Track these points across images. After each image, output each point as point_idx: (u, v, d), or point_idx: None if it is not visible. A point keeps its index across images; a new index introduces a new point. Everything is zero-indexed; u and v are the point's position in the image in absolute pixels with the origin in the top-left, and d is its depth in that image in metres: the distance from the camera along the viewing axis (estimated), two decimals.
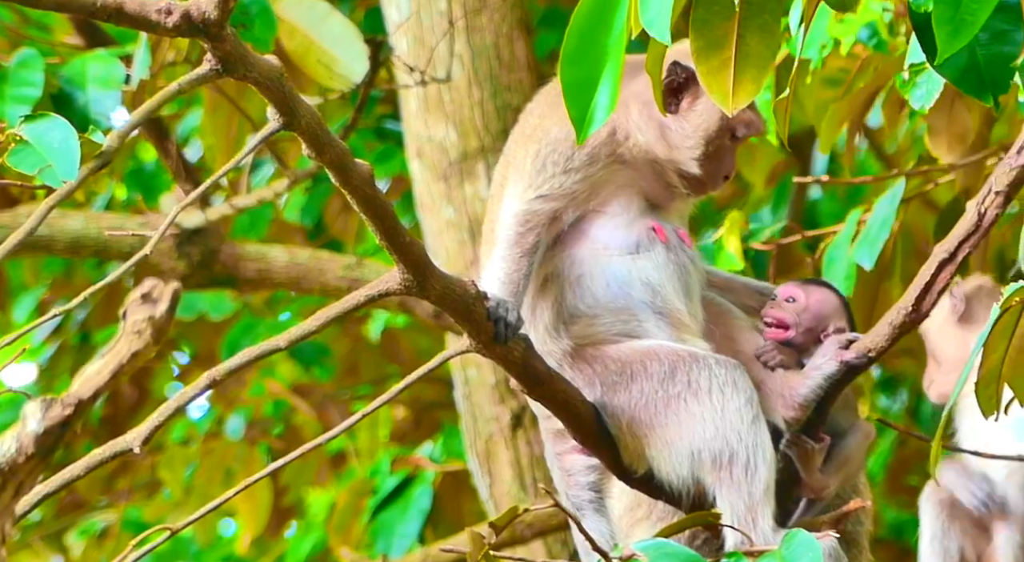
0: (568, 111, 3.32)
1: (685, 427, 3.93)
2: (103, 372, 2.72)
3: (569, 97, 3.30)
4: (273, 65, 3.37)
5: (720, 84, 3.36)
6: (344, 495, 6.65)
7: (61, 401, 2.63)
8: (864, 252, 4.71)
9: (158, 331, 2.74)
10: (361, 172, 3.56)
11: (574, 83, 3.30)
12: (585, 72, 3.29)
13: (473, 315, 3.78)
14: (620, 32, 3.27)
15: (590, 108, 3.30)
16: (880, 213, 4.70)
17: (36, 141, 3.28)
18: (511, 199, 4.01)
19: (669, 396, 3.94)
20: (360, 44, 5.59)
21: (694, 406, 3.93)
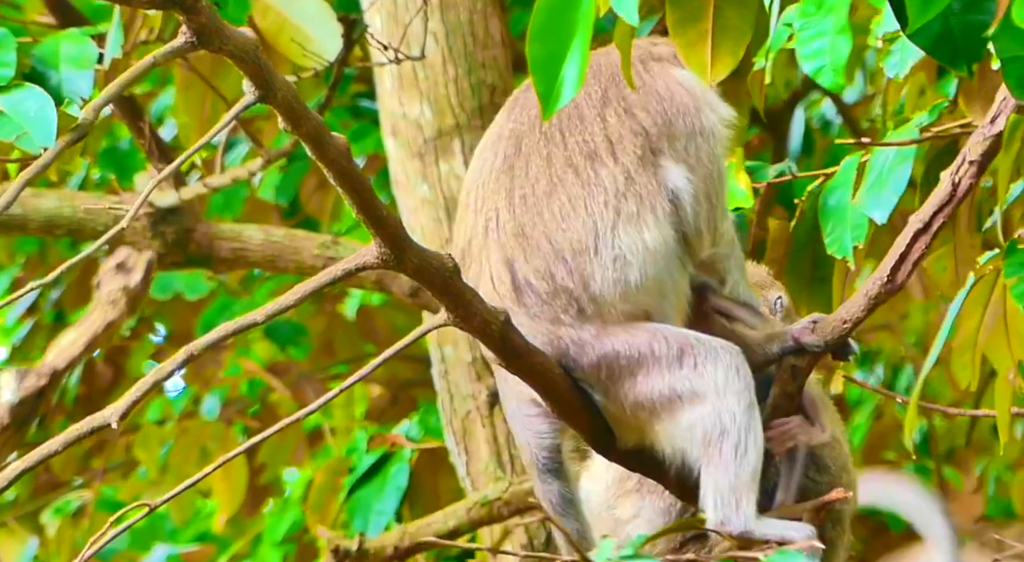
0: (535, 86, 3.32)
1: (686, 406, 3.95)
2: (78, 342, 2.72)
3: (536, 72, 3.30)
4: (248, 38, 3.36)
5: (698, 57, 3.36)
6: (321, 474, 6.64)
7: (36, 371, 2.63)
8: (873, 201, 4.36)
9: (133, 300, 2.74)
10: (337, 145, 3.55)
11: (541, 58, 3.30)
12: (553, 47, 3.29)
13: (450, 289, 3.78)
14: (588, 8, 3.27)
15: (557, 83, 3.29)
16: (887, 161, 4.40)
17: (12, 111, 3.27)
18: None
19: (675, 379, 3.95)
20: (334, 22, 5.58)
21: (698, 386, 3.94)
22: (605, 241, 3.98)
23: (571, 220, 3.98)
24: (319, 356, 7.88)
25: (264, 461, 7.52)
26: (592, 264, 3.97)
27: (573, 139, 4.03)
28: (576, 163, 4.01)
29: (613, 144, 4.01)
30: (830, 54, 4.13)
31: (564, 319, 3.97)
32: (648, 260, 3.98)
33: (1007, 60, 3.21)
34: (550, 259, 3.97)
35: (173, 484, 7.02)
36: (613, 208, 3.98)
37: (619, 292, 3.97)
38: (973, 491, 7.56)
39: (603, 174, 4.00)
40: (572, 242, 3.97)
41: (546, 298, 3.96)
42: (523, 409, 4.07)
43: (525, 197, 4.02)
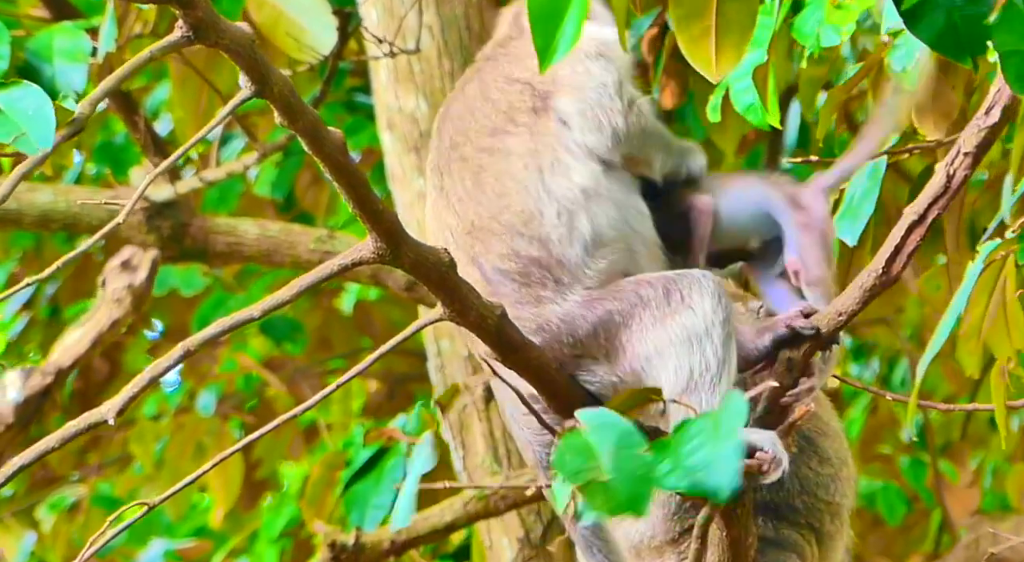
0: (534, 39, 3.34)
1: (677, 344, 3.96)
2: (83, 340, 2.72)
3: (535, 27, 3.31)
4: (245, 32, 3.36)
5: (702, 53, 3.37)
6: (317, 468, 6.64)
7: (41, 370, 2.63)
8: (847, 226, 4.56)
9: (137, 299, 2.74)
10: (333, 139, 3.55)
11: (541, 13, 3.31)
12: (552, 2, 3.31)
13: (447, 283, 3.77)
14: None
15: (555, 38, 3.31)
16: (860, 187, 4.62)
17: (9, 109, 3.26)
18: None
19: (668, 316, 3.97)
20: (329, 15, 5.57)
21: (688, 320, 3.96)
22: (543, 200, 4.04)
23: (507, 196, 4.06)
24: (315, 351, 7.88)
25: (260, 456, 7.52)
26: (544, 226, 4.03)
27: (473, 130, 4.13)
28: (486, 145, 4.11)
29: (507, 113, 4.12)
30: (756, 92, 4.19)
31: (545, 295, 4.00)
32: (590, 201, 4.05)
33: (1006, 54, 3.22)
34: (507, 238, 4.03)
35: (169, 479, 7.03)
36: (534, 167, 4.07)
37: (579, 249, 4.02)
38: (969, 484, 7.57)
39: (510, 142, 4.09)
40: (517, 214, 4.05)
41: (520, 279, 4.00)
42: (521, 407, 4.08)
43: (461, 199, 4.10)
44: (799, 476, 4.23)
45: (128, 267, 2.61)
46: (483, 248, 4.04)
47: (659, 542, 4.26)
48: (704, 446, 3.11)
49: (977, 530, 7.15)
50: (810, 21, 4.33)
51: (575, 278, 4.01)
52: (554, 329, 4.00)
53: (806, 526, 4.29)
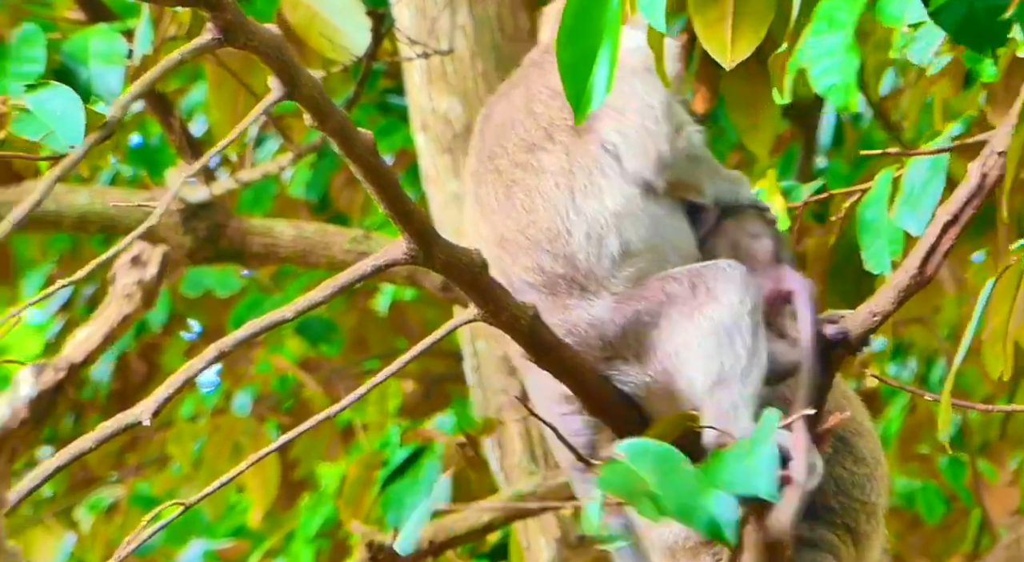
0: (565, 90, 3.32)
1: (705, 337, 3.94)
2: (94, 336, 2.73)
3: (566, 76, 3.30)
4: (274, 34, 3.37)
5: (718, 38, 3.35)
6: (354, 468, 6.65)
7: (53, 365, 2.64)
8: (907, 215, 4.33)
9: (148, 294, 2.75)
10: (364, 141, 3.56)
11: (571, 62, 3.30)
12: (582, 50, 3.29)
13: (479, 284, 3.78)
14: (616, 10, 3.27)
15: (587, 86, 3.30)
16: (920, 176, 4.38)
17: (39, 109, 3.28)
18: None
19: (695, 310, 3.95)
20: (363, 16, 5.58)
21: (716, 312, 3.95)
22: (571, 220, 4.02)
23: (535, 211, 4.04)
24: (351, 352, 7.89)
25: (298, 456, 7.54)
26: (570, 245, 4.01)
27: (511, 143, 4.10)
28: (521, 160, 4.08)
29: (547, 129, 4.08)
30: (839, 73, 4.13)
31: (571, 303, 3.99)
32: (622, 224, 4.02)
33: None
34: (532, 253, 4.02)
35: (206, 479, 7.05)
36: (565, 187, 4.03)
37: (607, 264, 4.00)
38: (1008, 484, 7.52)
39: (546, 160, 4.05)
40: (543, 230, 4.02)
41: (545, 290, 4.00)
42: (555, 408, 4.07)
43: (493, 210, 4.09)
44: (834, 476, 4.21)
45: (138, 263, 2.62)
46: (511, 260, 4.04)
47: (694, 543, 4.25)
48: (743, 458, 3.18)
49: (1017, 530, 7.11)
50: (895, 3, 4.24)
51: (601, 286, 4.01)
52: (583, 333, 3.99)
53: (842, 526, 4.27)
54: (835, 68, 4.07)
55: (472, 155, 4.23)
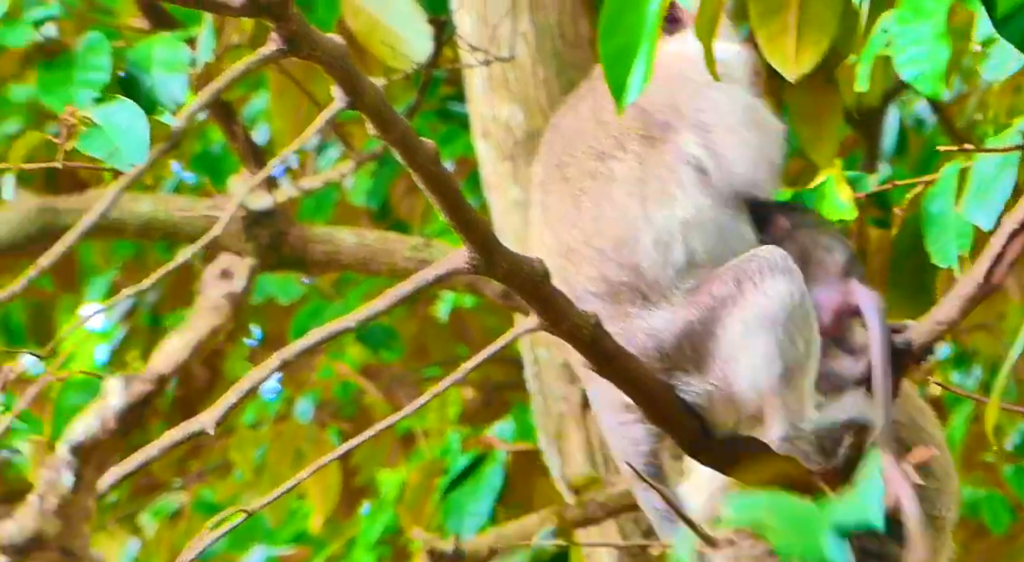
0: (607, 80, 3.31)
1: (759, 334, 3.93)
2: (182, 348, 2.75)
3: (608, 67, 3.30)
4: (337, 44, 3.38)
5: (781, 50, 3.33)
6: (415, 475, 6.66)
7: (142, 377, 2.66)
8: (975, 208, 4.19)
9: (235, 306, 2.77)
10: (426, 150, 3.56)
11: (612, 53, 3.29)
12: (623, 40, 3.29)
13: (540, 293, 3.77)
14: (656, 2, 3.26)
15: (628, 78, 3.29)
16: (989, 169, 4.25)
17: (105, 124, 3.30)
18: None
19: (744, 309, 3.93)
20: (424, 23, 5.59)
21: (765, 306, 3.93)
22: (640, 228, 4.00)
23: (602, 221, 4.02)
24: (412, 359, 7.90)
25: (358, 463, 7.55)
26: (636, 254, 4.00)
27: (581, 152, 4.08)
28: (590, 169, 4.06)
29: (618, 138, 4.05)
30: (929, 61, 4.07)
31: (632, 311, 3.98)
32: (689, 233, 4.00)
33: None
34: (597, 262, 4.00)
35: (268, 486, 7.08)
36: (637, 196, 4.01)
37: (672, 273, 3.99)
38: None
39: (617, 168, 4.03)
40: (609, 239, 4.01)
41: (608, 300, 3.99)
42: (617, 417, 4.07)
43: (560, 220, 4.08)
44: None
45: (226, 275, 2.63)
46: (574, 270, 4.03)
47: (759, 552, 4.23)
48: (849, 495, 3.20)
49: None
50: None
51: (663, 296, 3.99)
52: (640, 345, 3.98)
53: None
54: (924, 56, 4.00)
55: (539, 165, 4.23)
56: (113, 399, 2.77)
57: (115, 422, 2.76)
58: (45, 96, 5.11)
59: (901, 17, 3.89)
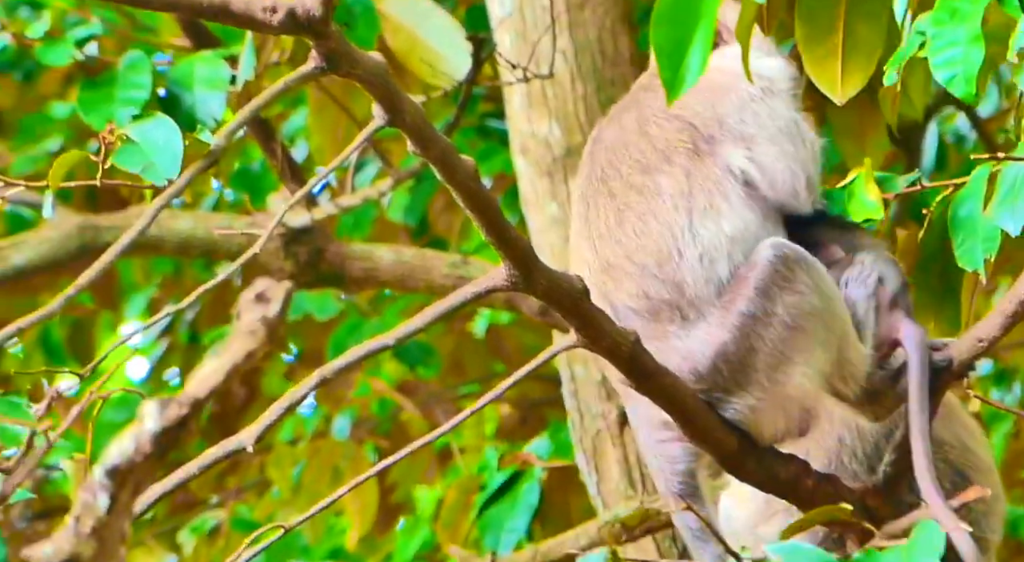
0: (660, 72, 3.30)
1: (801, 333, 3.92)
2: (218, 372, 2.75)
3: (661, 58, 3.29)
4: (377, 61, 3.39)
5: (828, 73, 3.32)
6: (452, 492, 6.65)
7: (178, 401, 2.66)
8: (1007, 213, 4.15)
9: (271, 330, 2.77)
10: (465, 167, 3.56)
11: (666, 44, 3.28)
12: (677, 33, 3.28)
13: (579, 310, 3.77)
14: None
15: (681, 69, 3.28)
16: (1020, 172, 4.19)
17: (142, 140, 3.32)
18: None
19: (774, 316, 3.92)
20: (463, 41, 5.61)
21: (800, 304, 3.92)
22: (686, 242, 3.98)
23: (646, 236, 4.00)
24: (449, 375, 7.90)
25: (395, 480, 7.55)
26: (680, 269, 3.97)
27: (626, 165, 4.07)
28: (636, 183, 4.05)
29: (664, 151, 4.04)
30: (963, 64, 4.03)
31: (671, 330, 3.95)
32: (735, 248, 3.97)
33: None
34: (638, 279, 3.99)
35: (306, 503, 7.08)
36: (684, 209, 3.99)
37: (712, 289, 3.96)
38: None
39: (663, 182, 4.02)
40: (652, 254, 4.00)
41: (648, 317, 3.97)
42: (655, 435, 4.05)
43: (602, 235, 4.07)
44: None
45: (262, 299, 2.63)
46: (614, 286, 4.02)
47: None
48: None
49: None
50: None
51: (700, 314, 3.97)
52: (675, 367, 3.96)
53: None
54: (958, 59, 3.97)
55: (581, 177, 4.21)
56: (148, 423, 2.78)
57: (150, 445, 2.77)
58: (86, 114, 5.15)
59: (936, 19, 3.85)
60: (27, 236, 6.28)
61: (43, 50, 5.63)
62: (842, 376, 3.96)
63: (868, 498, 4.06)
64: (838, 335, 3.93)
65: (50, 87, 6.99)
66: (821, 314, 3.90)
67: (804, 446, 4.20)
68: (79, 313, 7.80)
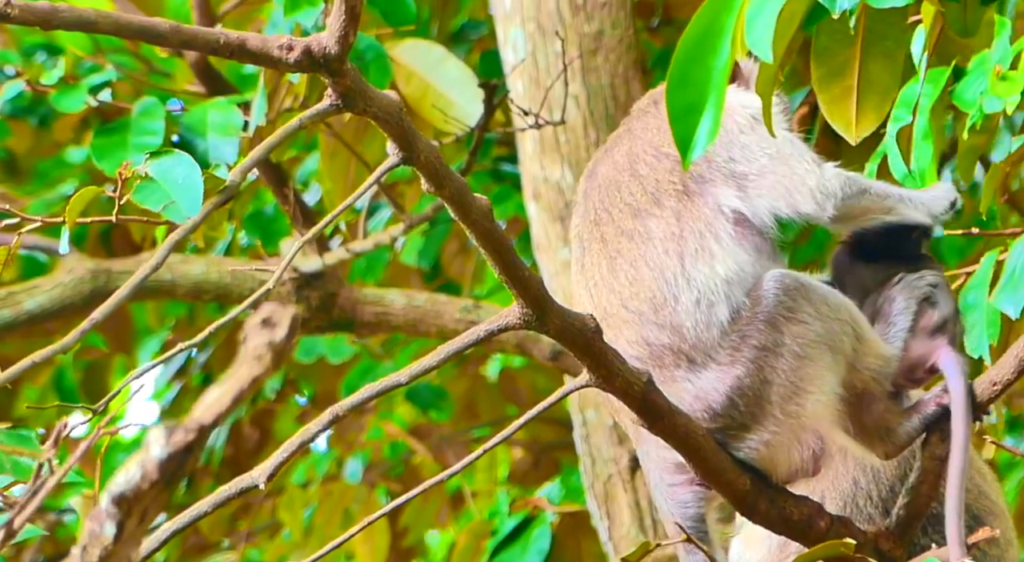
0: (674, 135, 3.32)
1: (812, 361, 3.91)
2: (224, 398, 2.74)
3: (675, 121, 3.30)
4: (392, 100, 3.40)
5: (842, 113, 3.34)
6: (463, 536, 6.64)
7: (184, 427, 2.66)
8: (1008, 298, 4.27)
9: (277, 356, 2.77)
10: (480, 206, 3.57)
11: (680, 107, 3.30)
12: (691, 97, 3.29)
13: (592, 349, 3.76)
14: (726, 57, 3.27)
15: (695, 133, 3.29)
16: (1021, 258, 4.39)
17: (161, 177, 3.33)
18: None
19: (791, 347, 3.91)
20: (475, 87, 5.63)
21: (807, 332, 3.90)
22: (679, 286, 3.96)
23: (640, 283, 3.98)
24: (461, 418, 7.89)
25: (407, 523, 7.53)
26: (677, 313, 3.95)
27: (616, 209, 4.05)
28: (627, 228, 4.03)
29: (653, 193, 4.02)
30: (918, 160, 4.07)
31: (678, 374, 3.94)
32: (733, 289, 3.95)
33: None
34: (637, 326, 3.97)
35: (317, 546, 7.06)
36: (675, 254, 3.97)
37: (716, 333, 3.94)
38: None
39: (653, 226, 4.00)
40: (648, 301, 3.97)
41: (650, 363, 3.94)
42: (666, 478, 4.04)
43: (596, 284, 4.06)
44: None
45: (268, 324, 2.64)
46: (614, 334, 4.00)
47: None
48: None
49: None
50: (972, 89, 4.21)
51: (708, 357, 3.95)
52: (688, 407, 3.95)
53: None
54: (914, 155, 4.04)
55: (576, 215, 4.20)
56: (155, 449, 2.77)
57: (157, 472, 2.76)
58: (99, 159, 5.18)
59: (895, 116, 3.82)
60: (40, 281, 6.31)
61: (57, 97, 5.67)
62: (864, 379, 3.93)
63: (881, 541, 4.05)
64: (849, 345, 3.90)
65: (65, 133, 7.03)
66: (824, 339, 3.89)
67: (819, 489, 4.18)
68: (93, 356, 7.81)
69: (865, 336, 3.94)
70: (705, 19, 3.28)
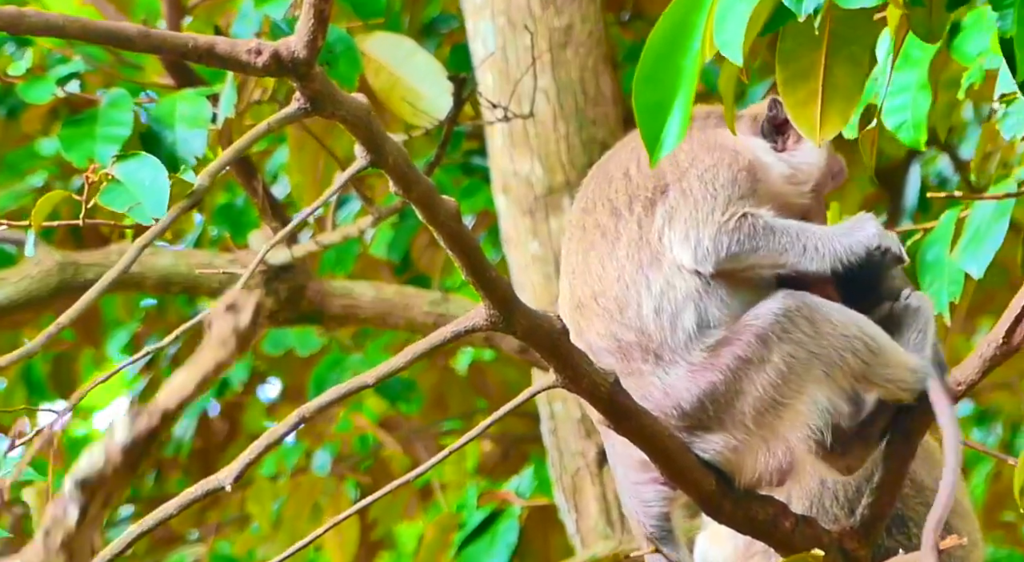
0: (641, 134, 3.31)
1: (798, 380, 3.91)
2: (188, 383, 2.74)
3: (642, 120, 3.29)
4: (361, 103, 3.40)
5: (807, 116, 3.34)
6: (431, 529, 6.65)
7: (147, 412, 2.66)
8: (971, 257, 4.24)
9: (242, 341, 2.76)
10: (447, 208, 3.57)
11: (647, 106, 3.29)
12: (659, 95, 3.29)
13: (559, 350, 3.77)
14: (695, 55, 3.27)
15: (663, 132, 3.29)
16: (983, 218, 4.29)
17: (127, 180, 3.33)
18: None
19: (772, 364, 3.91)
20: (444, 81, 5.63)
21: (794, 352, 3.90)
22: (640, 293, 3.96)
23: (606, 280, 3.99)
24: (431, 411, 7.90)
25: (376, 516, 7.54)
26: (641, 317, 3.95)
27: (601, 203, 4.06)
28: (603, 224, 4.03)
29: (630, 196, 4.02)
30: (911, 110, 4.08)
31: (645, 368, 3.94)
32: (697, 300, 3.95)
33: None
34: (606, 320, 3.98)
35: (286, 539, 7.07)
36: (634, 260, 3.97)
37: (683, 337, 3.93)
38: None
39: (621, 228, 4.00)
40: (613, 300, 3.98)
41: (620, 356, 3.96)
42: (631, 476, 4.05)
43: (574, 272, 4.06)
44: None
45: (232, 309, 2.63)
46: (587, 325, 4.01)
47: None
48: None
49: None
50: (971, 43, 4.15)
51: (677, 355, 3.95)
52: (656, 402, 3.95)
53: None
54: (906, 105, 4.03)
55: (577, 198, 4.20)
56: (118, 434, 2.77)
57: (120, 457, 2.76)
58: (68, 151, 5.16)
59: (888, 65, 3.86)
60: (7, 273, 6.28)
61: (25, 87, 5.64)
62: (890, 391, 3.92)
63: (846, 540, 4.06)
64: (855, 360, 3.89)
65: (33, 124, 7.00)
66: (818, 356, 3.88)
67: (786, 488, 4.20)
68: (62, 348, 7.79)
69: (882, 349, 3.90)
70: (674, 17, 3.28)
